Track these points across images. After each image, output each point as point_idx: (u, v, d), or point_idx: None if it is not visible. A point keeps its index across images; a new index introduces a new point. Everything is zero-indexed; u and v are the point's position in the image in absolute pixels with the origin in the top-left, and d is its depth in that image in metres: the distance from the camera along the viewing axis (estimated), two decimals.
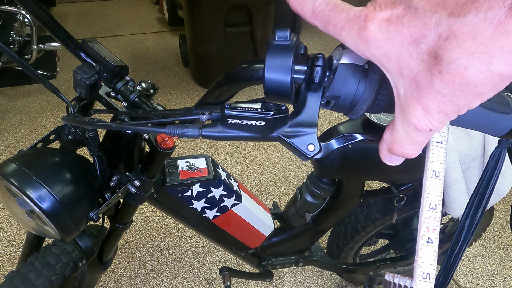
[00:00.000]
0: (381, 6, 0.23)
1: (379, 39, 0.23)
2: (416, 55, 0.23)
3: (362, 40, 0.24)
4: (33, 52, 2.07)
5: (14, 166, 0.55)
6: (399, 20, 0.23)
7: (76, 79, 0.57)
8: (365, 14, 0.24)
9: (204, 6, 2.21)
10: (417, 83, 0.23)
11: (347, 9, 0.25)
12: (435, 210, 0.29)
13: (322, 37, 3.46)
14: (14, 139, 2.03)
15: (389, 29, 0.23)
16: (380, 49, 0.24)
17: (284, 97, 0.31)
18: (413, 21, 0.22)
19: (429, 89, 0.23)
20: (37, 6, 0.56)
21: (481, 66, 0.21)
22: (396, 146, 0.28)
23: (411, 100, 0.24)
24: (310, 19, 0.27)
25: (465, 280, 1.47)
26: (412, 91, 0.24)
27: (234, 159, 1.98)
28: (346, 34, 0.25)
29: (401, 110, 0.26)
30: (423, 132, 0.25)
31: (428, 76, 0.23)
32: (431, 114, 0.24)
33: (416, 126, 0.25)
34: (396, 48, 0.23)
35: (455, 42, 0.21)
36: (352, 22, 0.24)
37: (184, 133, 0.38)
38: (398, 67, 0.24)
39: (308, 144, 0.34)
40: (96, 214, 0.61)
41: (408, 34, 0.22)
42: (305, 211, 0.91)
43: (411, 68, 0.23)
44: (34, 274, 0.76)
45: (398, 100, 0.26)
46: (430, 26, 0.21)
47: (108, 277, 1.40)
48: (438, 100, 0.23)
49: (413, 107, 0.24)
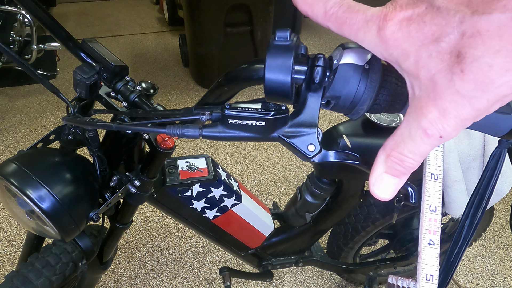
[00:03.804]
0: (402, 6, 0.23)
1: (399, 38, 0.23)
2: (436, 54, 0.22)
3: (381, 40, 0.24)
4: (33, 52, 2.07)
5: (14, 166, 0.55)
6: (420, 18, 0.22)
7: (76, 79, 0.57)
8: (384, 14, 0.23)
9: (204, 6, 2.21)
10: (435, 83, 0.22)
11: (364, 9, 0.24)
12: (435, 212, 0.29)
13: (322, 37, 3.47)
14: (14, 139, 2.03)
15: (409, 28, 0.22)
16: (399, 48, 0.23)
17: (284, 97, 0.31)
18: (435, 20, 0.21)
19: (448, 89, 0.22)
20: (37, 6, 0.56)
21: (507, 65, 0.20)
22: (395, 152, 0.26)
23: (426, 101, 0.23)
24: (322, 21, 0.26)
25: (465, 280, 1.47)
26: (428, 93, 0.23)
27: (234, 159, 1.98)
28: (363, 35, 0.24)
29: (413, 111, 0.24)
30: (431, 139, 0.24)
31: (448, 75, 0.22)
32: (447, 118, 0.22)
33: (427, 130, 0.23)
34: (416, 47, 0.22)
35: (480, 40, 0.20)
36: (370, 22, 0.24)
37: (185, 133, 0.38)
38: (415, 67, 0.23)
39: (309, 144, 0.34)
40: (96, 214, 0.61)
41: (430, 32, 0.22)
42: (305, 211, 0.91)
43: (429, 68, 0.22)
44: (34, 274, 0.76)
45: (412, 102, 0.25)
46: (453, 24, 0.21)
47: (108, 277, 1.40)
48: (457, 102, 0.22)
49: (427, 108, 0.23)
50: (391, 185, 0.26)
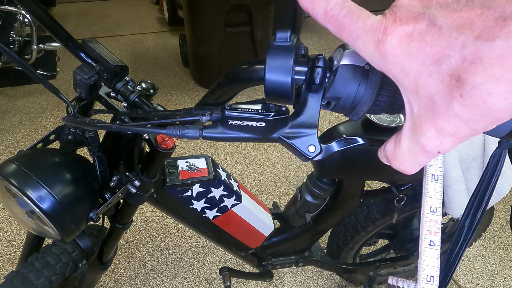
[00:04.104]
0: (402, 19, 0.22)
1: (399, 54, 0.22)
2: (437, 75, 0.22)
3: (379, 53, 0.23)
4: (33, 52, 2.07)
5: (14, 166, 0.55)
6: (421, 37, 0.21)
7: (76, 79, 0.57)
8: (384, 26, 0.23)
9: (204, 6, 2.21)
10: (434, 103, 0.22)
11: (364, 16, 0.24)
12: (435, 213, 0.29)
13: (322, 37, 3.47)
14: (14, 139, 2.03)
15: (410, 45, 0.22)
16: (398, 65, 0.23)
17: (284, 98, 0.31)
18: (437, 40, 0.21)
19: (447, 111, 0.22)
20: (37, 6, 0.56)
21: (507, 93, 0.20)
22: (395, 162, 0.27)
23: (425, 120, 0.23)
24: (321, 21, 0.26)
25: (465, 280, 1.47)
26: (427, 111, 0.23)
27: (234, 159, 1.98)
28: (362, 45, 0.24)
29: (411, 127, 0.25)
30: (430, 154, 0.24)
31: (447, 98, 0.22)
32: (444, 137, 0.23)
33: (425, 147, 0.24)
34: (416, 66, 0.22)
35: (481, 67, 0.20)
36: (369, 33, 0.23)
37: (185, 134, 0.38)
38: (415, 85, 0.23)
39: (309, 145, 0.34)
40: (96, 214, 0.61)
41: (431, 53, 0.21)
42: (305, 211, 0.91)
43: (429, 88, 0.22)
44: (34, 274, 0.76)
45: (410, 117, 0.25)
46: (455, 48, 0.20)
47: (108, 277, 1.40)
48: (455, 123, 0.22)
49: (426, 127, 0.23)
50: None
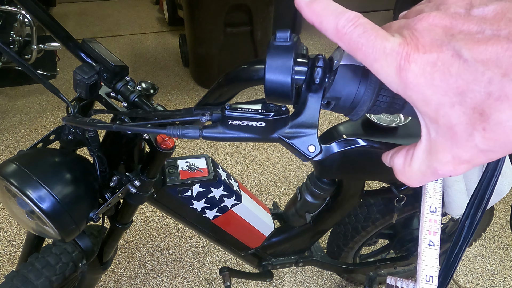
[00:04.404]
0: (425, 47, 0.21)
1: (421, 83, 0.22)
2: (459, 107, 0.21)
3: (400, 80, 0.22)
4: (33, 52, 2.07)
5: (14, 166, 0.55)
6: (446, 68, 0.21)
7: (76, 79, 0.57)
8: (407, 52, 0.22)
9: (204, 6, 2.21)
10: (454, 133, 0.22)
11: (382, 37, 0.23)
12: (435, 213, 0.29)
13: (322, 37, 3.46)
14: (14, 139, 2.03)
15: (433, 75, 0.21)
16: (419, 93, 0.22)
17: (284, 98, 0.31)
18: (462, 74, 0.21)
19: (467, 142, 0.22)
20: (37, 6, 0.56)
21: None
22: (402, 176, 0.27)
23: (442, 147, 0.23)
24: (331, 37, 0.24)
25: (465, 280, 1.47)
26: (445, 139, 0.23)
27: (234, 159, 1.98)
28: (380, 68, 0.23)
29: (427, 151, 0.24)
30: (440, 176, 0.24)
31: (468, 129, 0.21)
32: (460, 164, 0.23)
33: (438, 170, 0.24)
34: (438, 96, 0.22)
35: (507, 104, 0.20)
36: (389, 57, 0.22)
37: (185, 134, 0.38)
38: (435, 114, 0.22)
39: (309, 145, 0.34)
40: (96, 214, 0.61)
41: (455, 85, 0.21)
42: (305, 211, 0.91)
43: (450, 118, 0.22)
44: (34, 274, 0.76)
45: (426, 141, 0.25)
46: (481, 84, 0.20)
47: (108, 277, 1.40)
48: (473, 153, 0.22)
49: (442, 154, 0.23)
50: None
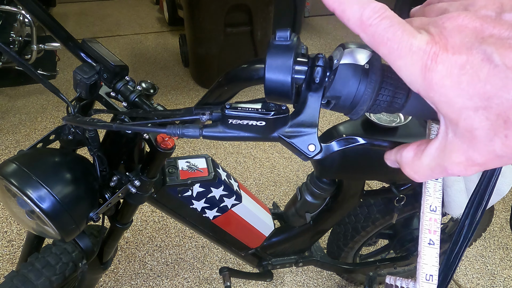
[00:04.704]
0: (454, 48, 0.21)
1: (446, 85, 0.21)
2: (483, 112, 0.21)
3: (424, 80, 0.22)
4: (33, 52, 2.07)
5: (14, 166, 0.55)
6: (474, 72, 0.20)
7: (76, 79, 0.57)
8: (434, 52, 0.21)
9: (204, 6, 2.21)
10: (473, 136, 0.22)
11: (408, 33, 0.22)
12: (435, 212, 0.29)
13: (322, 37, 3.46)
14: (14, 139, 2.03)
15: (461, 78, 0.21)
16: (443, 95, 0.21)
17: (284, 97, 0.31)
18: (491, 79, 0.20)
19: (486, 147, 0.21)
20: (37, 6, 0.56)
21: None
22: (409, 170, 0.26)
23: (458, 148, 0.23)
24: (353, 28, 0.23)
25: (465, 280, 1.47)
26: (462, 141, 0.22)
27: (234, 159, 1.98)
28: (404, 66, 0.22)
29: (440, 149, 0.24)
30: (448, 174, 0.24)
31: (490, 135, 0.21)
32: (472, 166, 0.23)
33: (448, 170, 0.24)
34: (463, 100, 0.21)
35: None
36: (415, 55, 0.21)
37: (185, 133, 0.38)
38: (457, 116, 0.22)
39: (309, 144, 0.34)
40: (96, 214, 0.61)
41: (482, 90, 0.20)
42: (305, 211, 0.91)
43: (472, 122, 0.21)
44: (34, 274, 0.76)
45: (442, 139, 0.24)
46: (511, 91, 0.20)
47: (108, 277, 1.40)
48: (488, 158, 0.22)
49: (456, 154, 0.23)
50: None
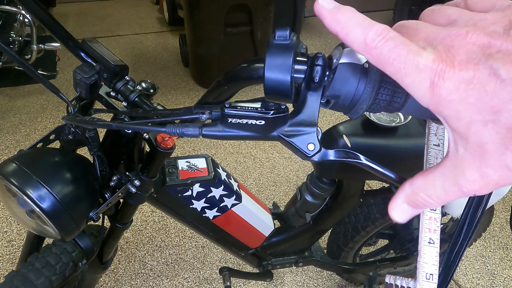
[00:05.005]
0: (461, 64, 0.21)
1: (454, 100, 0.21)
2: (492, 125, 0.21)
3: (432, 96, 0.22)
4: (33, 52, 2.07)
5: (14, 166, 0.55)
6: (482, 86, 0.20)
7: (76, 79, 0.57)
8: (441, 69, 0.21)
9: (204, 6, 2.21)
10: (484, 151, 0.22)
11: (414, 52, 0.22)
12: (435, 211, 0.29)
13: (322, 37, 3.47)
14: (14, 139, 2.03)
15: (468, 93, 0.21)
16: (452, 109, 0.22)
17: (284, 97, 0.31)
18: (498, 93, 0.20)
19: (497, 161, 0.21)
20: (37, 6, 0.56)
21: None
22: (423, 195, 0.26)
23: (470, 164, 0.22)
24: (359, 50, 0.23)
25: (465, 280, 1.47)
26: (474, 157, 0.22)
27: (234, 159, 1.99)
28: (411, 83, 0.22)
29: (453, 167, 0.24)
30: (464, 195, 0.23)
31: (500, 149, 0.21)
32: (488, 184, 0.22)
33: (463, 188, 0.23)
34: (471, 113, 0.21)
35: None
36: (422, 73, 0.22)
37: (184, 133, 0.38)
38: (466, 131, 0.22)
39: (308, 143, 0.34)
40: (96, 214, 0.61)
41: (490, 104, 0.20)
42: (305, 211, 0.91)
43: (482, 136, 0.21)
44: (34, 274, 0.76)
45: (453, 157, 0.24)
46: None
47: (108, 277, 1.40)
48: (502, 173, 0.22)
49: (469, 172, 0.23)
50: (409, 214, 0.27)
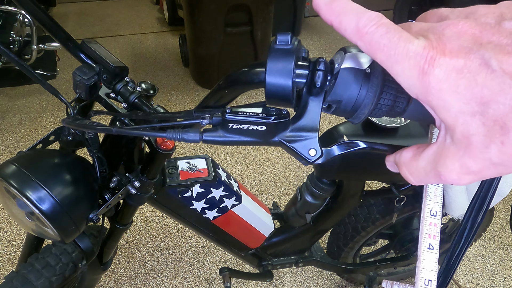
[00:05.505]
0: (452, 52, 0.21)
1: (444, 89, 0.21)
2: (480, 117, 0.21)
3: (421, 84, 0.22)
4: (33, 52, 2.07)
5: (13, 167, 0.55)
6: (472, 76, 0.20)
7: (76, 80, 0.57)
8: (431, 56, 0.21)
9: (204, 6, 2.21)
10: (469, 143, 0.22)
11: (405, 39, 0.22)
12: (435, 216, 0.29)
13: (322, 37, 3.46)
14: (14, 139, 2.03)
15: (458, 82, 0.21)
16: (440, 99, 0.22)
17: (285, 102, 0.31)
18: (488, 83, 0.20)
19: (481, 153, 0.21)
20: (36, 7, 0.56)
21: None
22: (405, 170, 0.27)
23: (453, 154, 0.23)
24: (350, 37, 0.23)
25: (465, 280, 1.47)
26: (458, 148, 0.22)
27: (234, 159, 1.98)
28: (401, 71, 0.22)
29: (437, 153, 0.24)
30: (441, 181, 0.24)
31: (485, 141, 0.21)
32: (466, 174, 0.22)
33: (441, 176, 0.23)
34: (460, 104, 0.21)
35: None
36: (412, 60, 0.21)
37: (185, 138, 0.38)
38: (454, 121, 0.22)
39: (310, 149, 0.34)
40: (96, 215, 0.61)
41: (480, 95, 0.20)
42: (305, 211, 0.91)
43: (469, 128, 0.21)
44: (34, 274, 0.76)
45: (440, 144, 0.24)
46: (507, 96, 0.20)
47: (108, 277, 1.40)
48: (484, 165, 0.22)
49: (450, 161, 0.23)
50: (396, 170, 0.29)
